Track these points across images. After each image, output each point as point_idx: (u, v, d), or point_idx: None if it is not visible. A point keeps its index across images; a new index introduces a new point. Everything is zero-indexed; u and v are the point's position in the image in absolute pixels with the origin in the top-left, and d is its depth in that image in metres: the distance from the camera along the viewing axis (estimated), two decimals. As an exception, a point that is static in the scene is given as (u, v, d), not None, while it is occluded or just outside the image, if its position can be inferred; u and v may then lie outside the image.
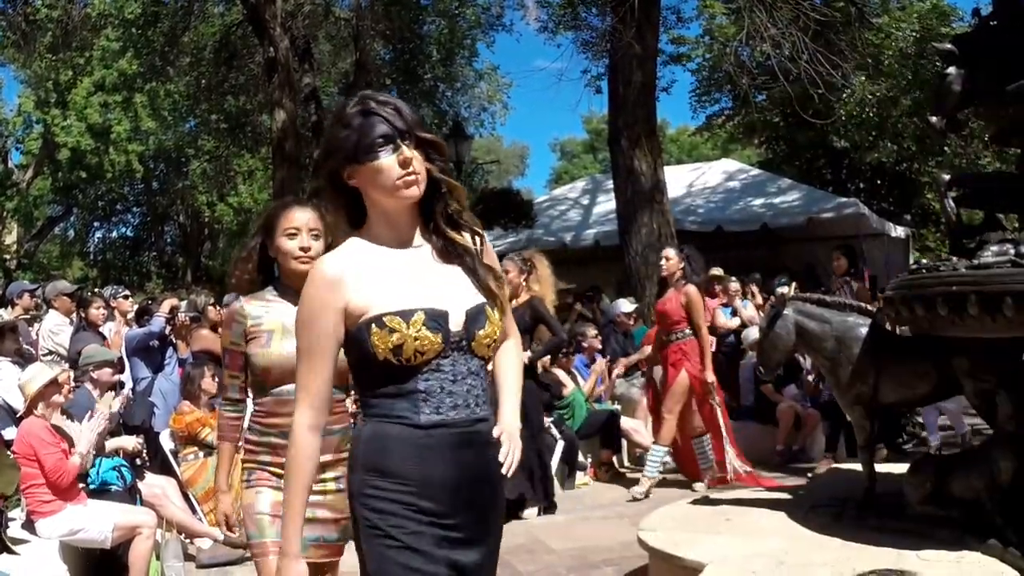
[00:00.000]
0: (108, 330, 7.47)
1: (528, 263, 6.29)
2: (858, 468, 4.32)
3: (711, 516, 4.28)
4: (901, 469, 4.17)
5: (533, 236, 12.72)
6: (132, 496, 5.05)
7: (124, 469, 5.14)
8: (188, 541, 5.35)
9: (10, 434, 5.06)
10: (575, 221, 14.06)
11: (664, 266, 6.64)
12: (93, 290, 10.58)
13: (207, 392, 5.83)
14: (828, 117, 13.16)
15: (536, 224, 13.35)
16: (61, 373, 4.92)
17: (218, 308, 7.70)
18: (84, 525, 4.51)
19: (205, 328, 7.38)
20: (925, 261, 5.68)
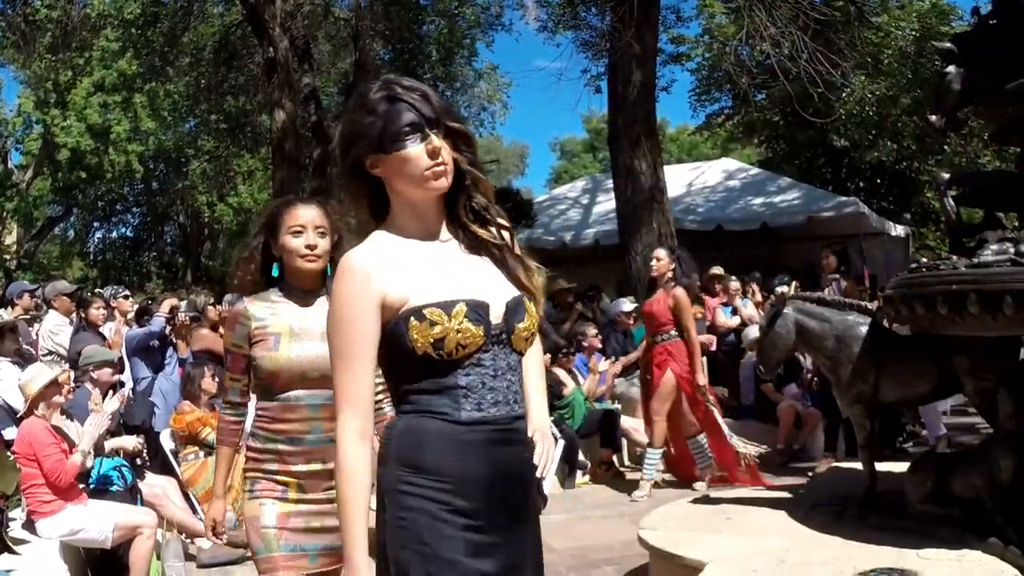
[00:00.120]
0: (108, 330, 7.48)
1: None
2: (858, 467, 4.33)
3: (712, 515, 4.28)
4: (902, 468, 4.17)
5: (533, 236, 12.71)
6: (132, 496, 5.05)
7: (124, 469, 5.14)
8: (189, 541, 5.36)
9: (10, 434, 5.06)
10: (575, 221, 14.05)
11: (654, 266, 6.59)
12: (93, 290, 10.59)
13: (207, 392, 5.83)
14: (828, 116, 13.14)
15: (536, 224, 13.35)
16: (61, 373, 4.93)
17: (218, 308, 7.70)
18: (85, 525, 4.51)
19: (205, 328, 7.39)
20: (924, 260, 5.67)
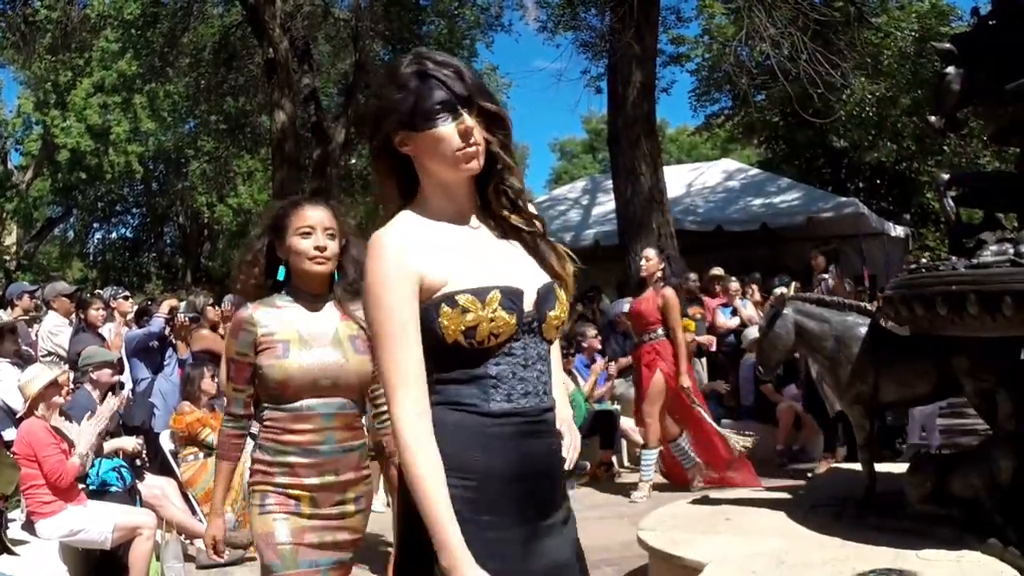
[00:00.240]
0: (108, 331, 7.47)
1: None
2: (858, 468, 4.32)
3: (711, 516, 4.28)
4: (901, 469, 4.17)
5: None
6: (132, 497, 5.04)
7: (124, 470, 5.13)
8: (188, 542, 5.35)
9: (10, 435, 5.06)
10: (575, 221, 14.04)
11: (644, 266, 6.58)
12: (92, 291, 10.60)
13: (207, 393, 5.83)
14: (827, 117, 13.14)
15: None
16: (61, 374, 4.93)
17: (217, 309, 7.71)
18: (84, 526, 4.50)
19: (205, 328, 7.39)
20: (923, 260, 5.68)
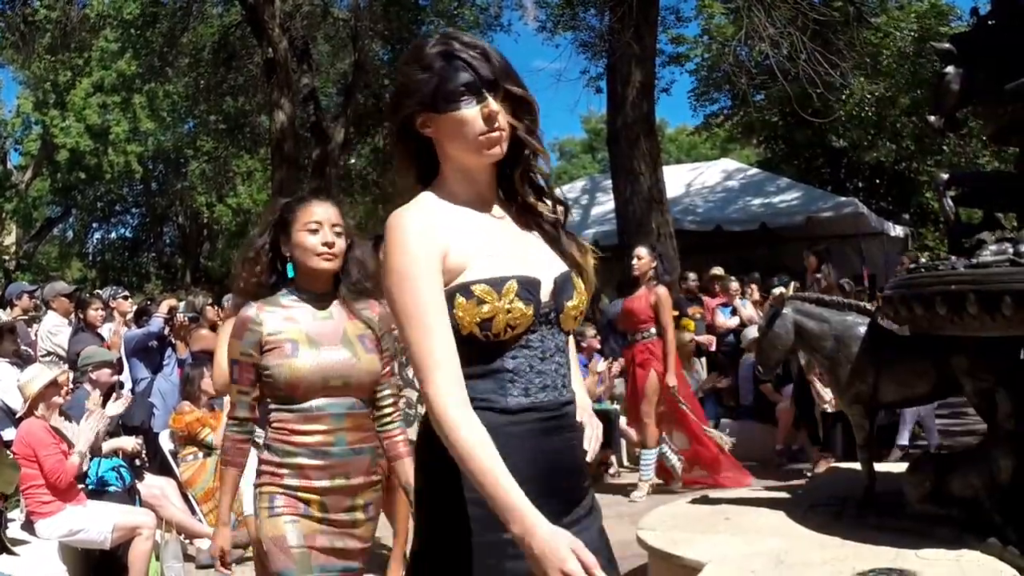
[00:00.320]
0: (107, 331, 7.47)
1: None
2: (857, 467, 4.33)
3: (710, 515, 4.28)
4: (900, 468, 4.17)
5: (532, 236, 12.70)
6: (131, 497, 5.04)
7: (123, 470, 5.13)
8: (188, 542, 5.35)
9: (9, 435, 5.05)
10: (574, 221, 13.78)
11: (635, 265, 6.53)
12: (92, 291, 10.59)
13: (207, 393, 5.82)
14: (827, 116, 13.15)
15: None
16: (61, 374, 4.93)
17: (216, 308, 7.70)
18: (84, 526, 4.50)
19: (204, 328, 7.38)
20: (924, 259, 5.68)
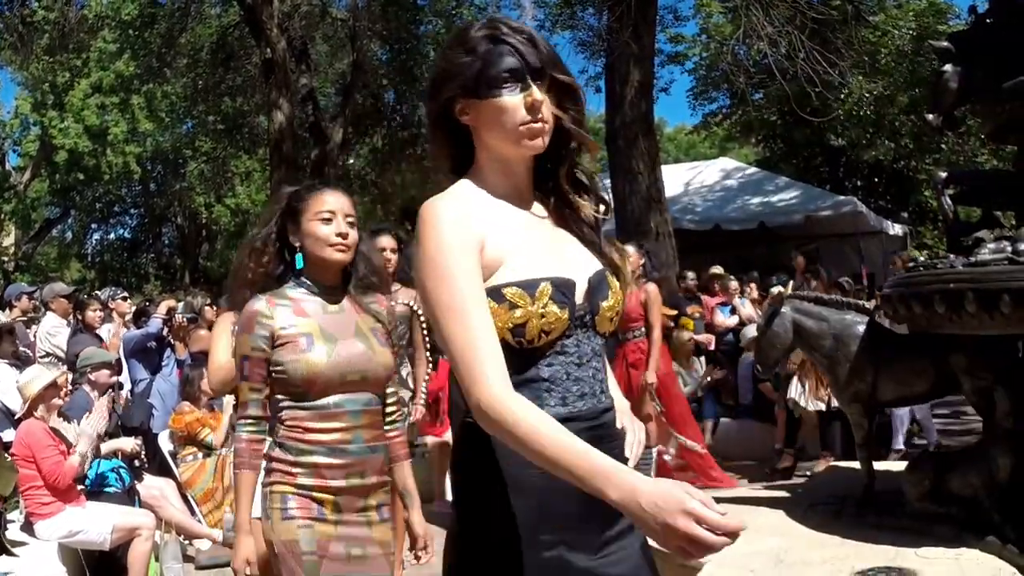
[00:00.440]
0: (106, 332, 7.47)
1: None
2: (856, 466, 4.32)
3: (710, 515, 4.27)
4: (899, 467, 4.17)
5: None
6: (130, 497, 5.04)
7: (122, 471, 5.13)
8: (187, 542, 5.35)
9: (8, 436, 5.05)
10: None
11: None
12: (90, 292, 10.59)
13: (206, 393, 5.82)
14: (825, 115, 13.14)
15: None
16: (60, 375, 4.92)
17: (215, 309, 7.70)
18: (83, 527, 4.50)
19: (203, 329, 7.38)
20: (922, 258, 5.67)
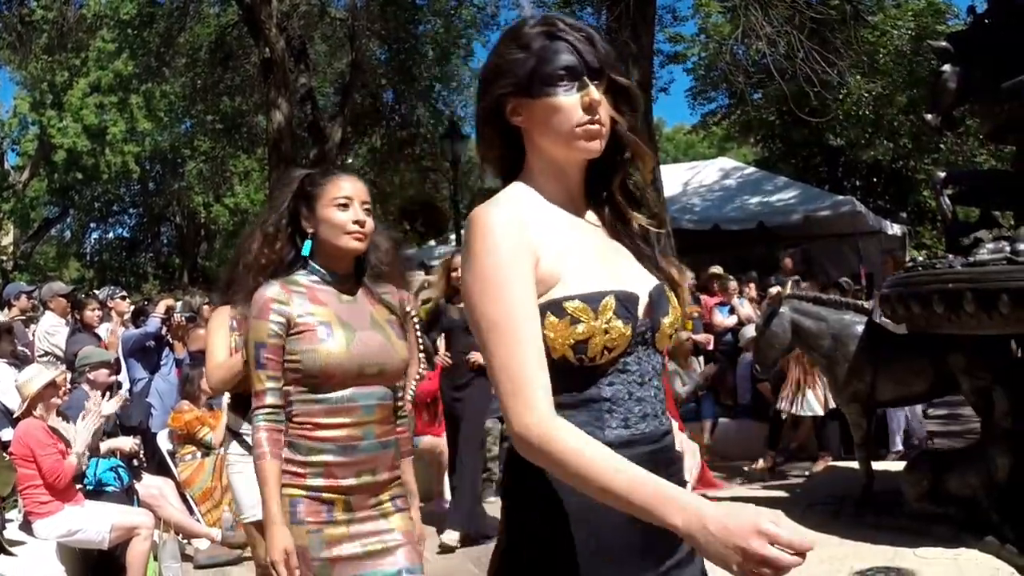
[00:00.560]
0: (104, 331, 7.47)
1: None
2: (855, 466, 4.33)
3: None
4: (898, 467, 4.18)
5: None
6: (129, 497, 5.03)
7: (121, 470, 5.13)
8: (186, 542, 5.35)
9: (7, 435, 5.05)
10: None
11: None
12: (88, 292, 10.58)
13: (206, 392, 5.81)
14: (824, 115, 13.15)
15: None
16: (59, 375, 4.92)
17: (213, 308, 7.68)
18: (82, 526, 4.50)
19: (202, 328, 7.37)
20: (921, 258, 5.67)
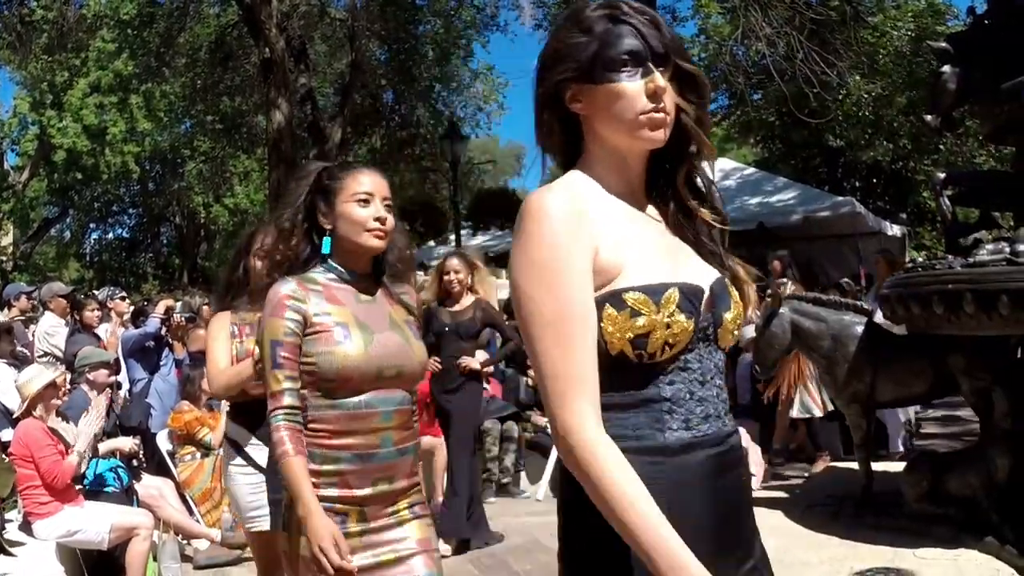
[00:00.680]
0: (103, 331, 7.47)
1: (470, 262, 5.62)
2: (855, 467, 4.33)
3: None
4: (898, 468, 4.18)
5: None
6: (128, 497, 5.03)
7: (120, 470, 5.13)
8: (185, 542, 5.35)
9: (6, 436, 5.05)
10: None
11: None
12: (87, 292, 10.58)
13: (207, 393, 5.82)
14: (824, 116, 13.16)
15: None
16: (59, 375, 4.92)
17: (212, 311, 7.69)
18: (81, 526, 4.49)
19: (201, 328, 7.38)
20: (920, 259, 5.68)
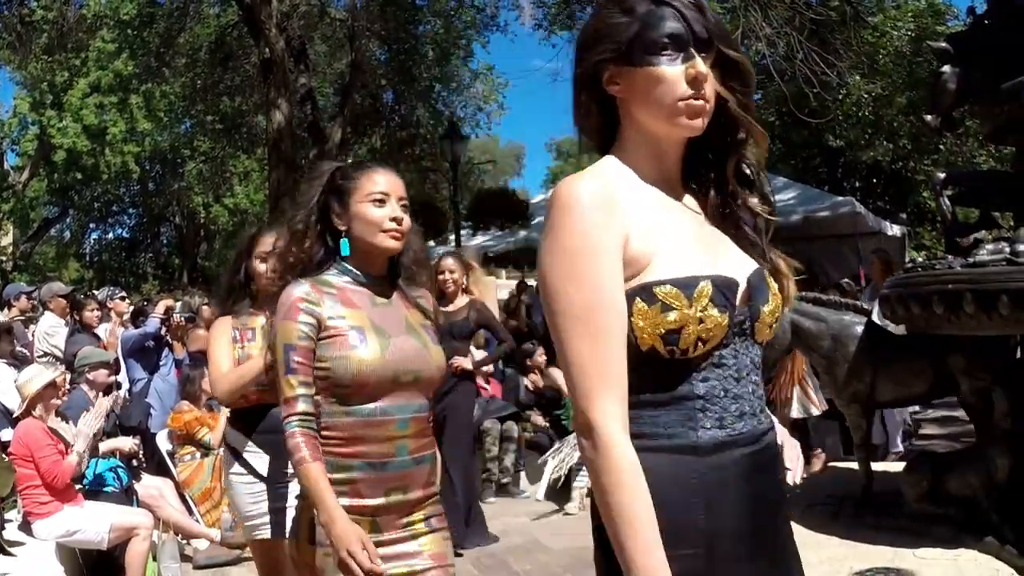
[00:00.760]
0: (103, 331, 7.47)
1: (465, 263, 5.60)
2: (854, 467, 4.33)
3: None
4: (898, 467, 4.18)
5: (529, 236, 12.70)
6: (128, 497, 5.03)
7: (120, 470, 5.13)
8: (185, 542, 5.35)
9: (6, 435, 5.05)
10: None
11: None
12: (87, 292, 10.58)
13: (207, 393, 5.82)
14: (824, 116, 13.17)
15: (532, 224, 13.35)
16: (59, 375, 4.92)
17: (212, 308, 7.69)
18: (81, 526, 4.49)
19: (201, 328, 7.38)
20: (920, 259, 5.68)
